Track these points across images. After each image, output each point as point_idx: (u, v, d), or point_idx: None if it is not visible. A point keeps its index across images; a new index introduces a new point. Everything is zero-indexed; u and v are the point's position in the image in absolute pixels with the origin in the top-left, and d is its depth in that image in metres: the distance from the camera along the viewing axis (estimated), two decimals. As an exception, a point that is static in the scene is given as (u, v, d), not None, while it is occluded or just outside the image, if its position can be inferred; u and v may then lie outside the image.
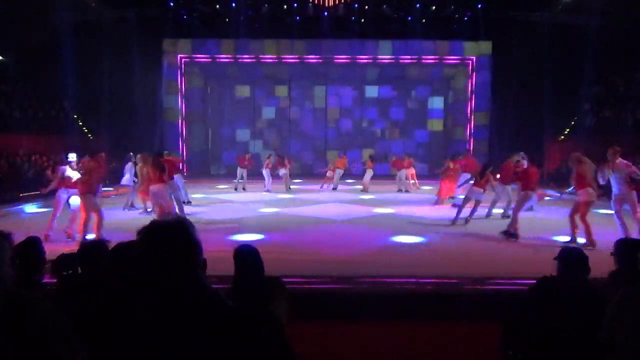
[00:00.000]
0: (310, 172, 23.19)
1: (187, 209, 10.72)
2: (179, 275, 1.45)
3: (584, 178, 7.81)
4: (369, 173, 16.37)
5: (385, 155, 21.31)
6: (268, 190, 15.80)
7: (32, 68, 20.24)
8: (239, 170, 16.39)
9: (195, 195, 13.82)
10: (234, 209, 11.85)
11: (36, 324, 1.31)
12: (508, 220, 8.71)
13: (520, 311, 3.12)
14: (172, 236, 1.48)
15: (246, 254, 2.84)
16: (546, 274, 3.19)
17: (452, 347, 4.23)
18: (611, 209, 8.11)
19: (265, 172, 16.29)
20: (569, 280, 2.99)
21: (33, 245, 3.14)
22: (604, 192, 8.70)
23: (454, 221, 9.54)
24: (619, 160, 7.63)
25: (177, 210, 9.77)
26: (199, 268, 1.51)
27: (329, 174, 17.21)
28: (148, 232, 1.49)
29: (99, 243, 3.06)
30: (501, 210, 10.74)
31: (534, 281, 3.19)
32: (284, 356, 1.58)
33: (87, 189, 7.74)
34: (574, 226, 7.78)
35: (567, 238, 7.98)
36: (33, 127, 18.19)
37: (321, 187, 16.97)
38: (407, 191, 16.11)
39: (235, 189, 16.20)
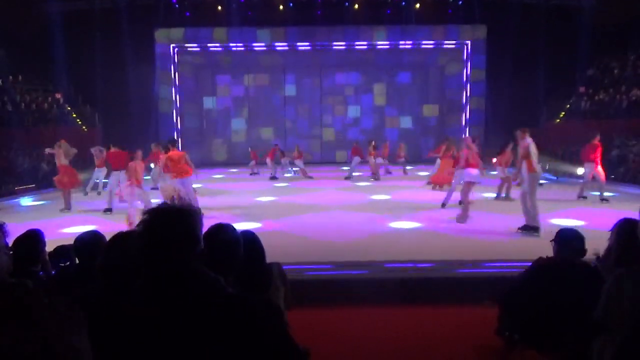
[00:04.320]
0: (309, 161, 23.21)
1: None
2: (179, 261, 1.45)
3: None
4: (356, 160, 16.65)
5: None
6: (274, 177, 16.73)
7: (23, 61, 20.04)
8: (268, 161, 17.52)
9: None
10: (231, 198, 11.84)
11: (29, 310, 1.30)
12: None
13: (517, 293, 3.14)
14: (173, 221, 1.48)
15: (246, 240, 2.80)
16: (542, 256, 3.21)
17: (450, 330, 4.26)
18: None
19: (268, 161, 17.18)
20: (565, 261, 3.01)
21: (33, 237, 3.13)
22: None
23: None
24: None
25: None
26: (199, 254, 1.51)
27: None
28: (150, 217, 1.48)
29: (95, 234, 3.04)
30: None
31: (531, 263, 3.21)
32: (283, 342, 1.58)
33: None
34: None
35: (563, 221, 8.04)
36: (26, 120, 18.06)
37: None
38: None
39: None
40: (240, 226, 7.78)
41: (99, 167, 12.33)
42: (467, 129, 22.23)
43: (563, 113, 20.99)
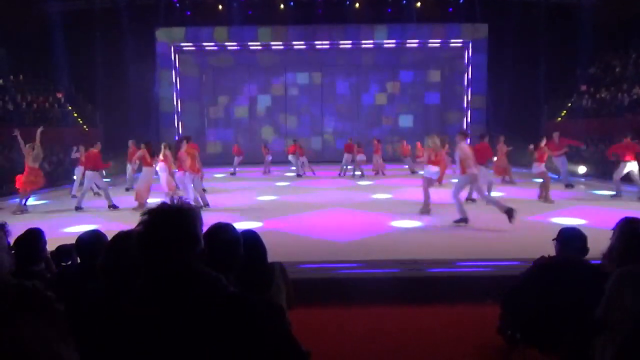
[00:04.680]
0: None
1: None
2: (179, 261, 1.45)
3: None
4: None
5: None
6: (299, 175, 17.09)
7: (24, 60, 20.05)
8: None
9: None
10: (232, 197, 11.84)
11: (33, 310, 1.30)
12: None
13: (519, 292, 3.13)
14: (173, 221, 1.47)
15: (247, 239, 2.80)
16: (544, 254, 3.20)
17: (452, 329, 4.25)
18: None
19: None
20: (567, 260, 3.01)
21: (33, 236, 3.13)
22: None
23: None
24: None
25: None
26: (199, 254, 1.51)
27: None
28: (150, 217, 1.48)
29: (97, 233, 3.05)
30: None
31: (532, 262, 3.21)
32: (285, 341, 1.58)
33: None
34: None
35: (566, 220, 8.03)
36: (27, 120, 18.07)
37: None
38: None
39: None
40: (241, 225, 7.81)
41: (82, 166, 12.04)
42: (468, 127, 22.20)
43: (564, 112, 20.95)
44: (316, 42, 22.19)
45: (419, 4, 21.77)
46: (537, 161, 10.78)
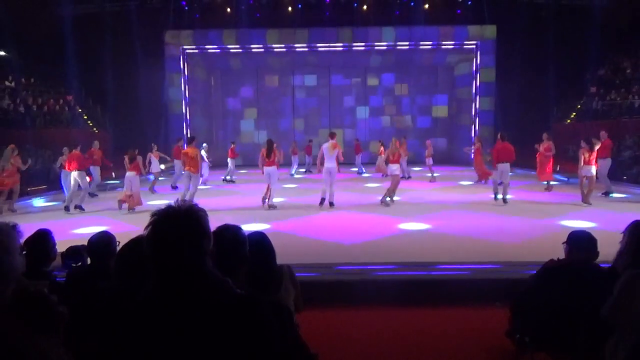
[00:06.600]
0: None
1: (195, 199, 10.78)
2: (187, 263, 1.45)
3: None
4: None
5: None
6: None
7: (35, 63, 20.27)
8: (229, 161, 16.99)
9: (200, 187, 13.81)
10: (240, 199, 11.87)
11: (46, 315, 1.32)
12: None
13: (528, 295, 3.11)
14: (181, 223, 1.47)
15: (255, 241, 2.80)
16: (554, 258, 3.18)
17: (460, 332, 4.23)
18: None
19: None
20: (577, 264, 2.98)
21: (43, 237, 3.16)
22: None
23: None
24: None
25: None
26: (208, 256, 1.51)
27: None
28: (158, 219, 1.48)
29: (106, 235, 3.07)
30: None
31: (542, 265, 3.19)
32: (293, 343, 1.57)
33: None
34: None
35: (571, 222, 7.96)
36: (38, 122, 18.26)
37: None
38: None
39: (224, 180, 16.52)
40: (249, 227, 7.82)
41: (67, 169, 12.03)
42: (477, 129, 22.10)
43: (574, 113, 20.78)
44: (324, 45, 22.21)
45: (426, 6, 21.72)
46: (587, 163, 10.06)
